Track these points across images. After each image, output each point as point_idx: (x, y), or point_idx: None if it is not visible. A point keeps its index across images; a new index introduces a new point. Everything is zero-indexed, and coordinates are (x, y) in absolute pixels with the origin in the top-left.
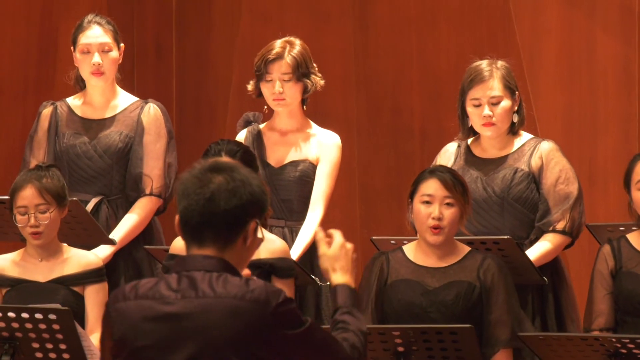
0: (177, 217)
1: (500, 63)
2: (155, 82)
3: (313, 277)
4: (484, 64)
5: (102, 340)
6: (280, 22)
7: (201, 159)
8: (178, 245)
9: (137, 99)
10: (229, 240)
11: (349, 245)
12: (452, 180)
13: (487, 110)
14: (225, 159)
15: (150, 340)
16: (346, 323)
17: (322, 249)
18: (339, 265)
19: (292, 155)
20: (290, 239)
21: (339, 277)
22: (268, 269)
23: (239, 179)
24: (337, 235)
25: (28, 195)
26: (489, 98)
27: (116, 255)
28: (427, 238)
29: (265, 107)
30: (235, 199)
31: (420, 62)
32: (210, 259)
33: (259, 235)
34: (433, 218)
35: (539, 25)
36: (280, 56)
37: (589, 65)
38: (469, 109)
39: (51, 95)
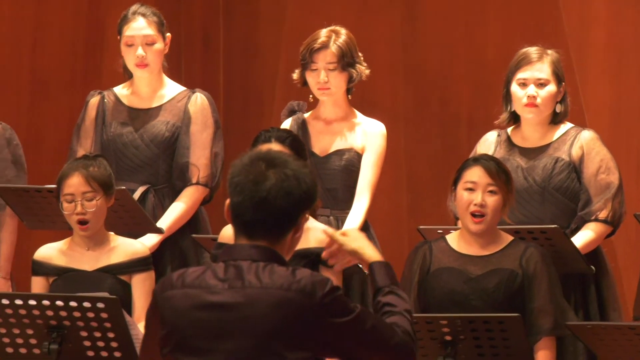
0: (226, 203)
1: (550, 51)
2: (202, 71)
3: (359, 265)
4: (534, 48)
5: (146, 326)
6: (327, 11)
7: (251, 146)
8: (227, 234)
9: (184, 88)
10: (280, 235)
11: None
12: (496, 168)
13: (532, 90)
14: (275, 146)
15: (197, 330)
16: (392, 305)
17: (339, 238)
18: (358, 245)
19: (337, 144)
20: (335, 227)
21: (370, 253)
22: (315, 258)
23: (292, 176)
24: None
25: (75, 182)
26: (535, 79)
27: (162, 244)
28: (470, 226)
29: (311, 96)
30: (290, 198)
31: (468, 51)
32: (257, 248)
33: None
34: (475, 205)
35: (588, 15)
36: (325, 45)
37: (638, 55)
38: (514, 90)
39: (98, 85)
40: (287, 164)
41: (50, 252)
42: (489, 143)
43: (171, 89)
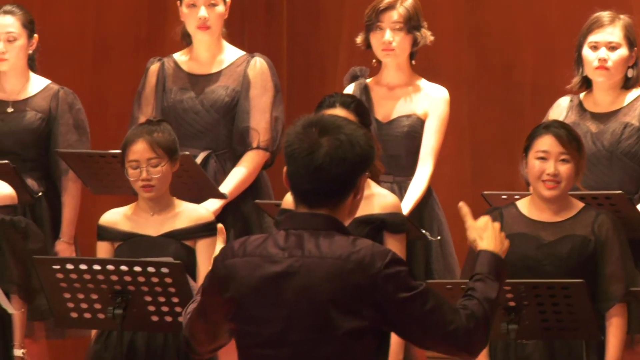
0: (284, 171)
1: (623, 15)
2: (265, 37)
3: (423, 231)
4: (606, 12)
5: (202, 293)
6: None
7: (315, 111)
8: (290, 199)
9: (243, 53)
10: (339, 201)
11: (496, 224)
12: (567, 136)
13: (603, 53)
14: (339, 111)
15: (256, 298)
16: (474, 290)
17: (469, 221)
18: (486, 235)
19: (400, 110)
20: (398, 194)
21: (485, 244)
22: (380, 224)
23: (346, 141)
24: (484, 217)
25: (140, 149)
26: (607, 42)
27: (224, 209)
28: (543, 192)
29: (374, 60)
30: (345, 164)
31: (531, 16)
32: (318, 217)
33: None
34: (548, 174)
35: None
36: (392, 6)
37: None
38: (585, 53)
39: (162, 52)
40: (340, 128)
41: (115, 217)
42: (561, 108)
43: (230, 53)
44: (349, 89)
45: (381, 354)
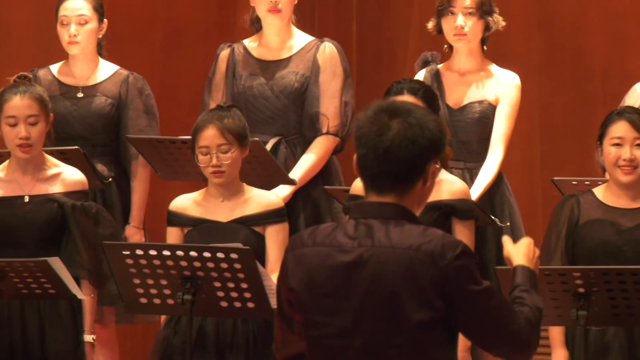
0: (354, 158)
1: None
2: (335, 22)
3: (493, 217)
4: None
5: (278, 283)
6: None
7: (383, 97)
8: (358, 185)
9: (312, 38)
10: (408, 186)
11: (536, 249)
12: None
13: None
14: (408, 98)
15: (326, 288)
16: (523, 299)
17: (508, 244)
18: (523, 252)
19: (471, 96)
20: (469, 180)
21: (521, 259)
22: (448, 210)
23: (416, 124)
24: (527, 238)
25: (210, 135)
26: None
27: (295, 195)
28: (620, 178)
29: (445, 46)
30: (414, 146)
31: (602, 1)
32: (387, 205)
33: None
34: (624, 160)
35: None
36: None
37: None
38: None
39: (232, 37)
40: (411, 112)
41: (185, 202)
42: (637, 94)
43: (300, 39)
44: (420, 75)
45: (451, 346)
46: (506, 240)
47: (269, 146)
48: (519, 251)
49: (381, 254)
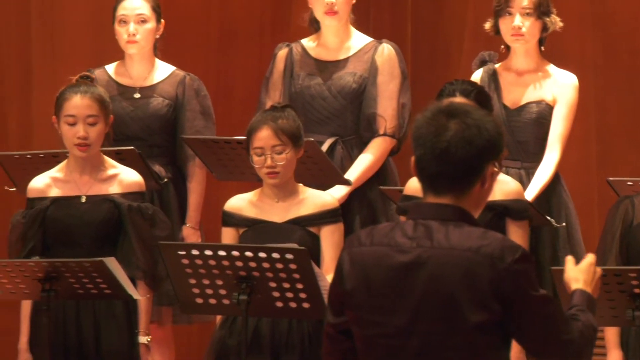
0: (412, 159)
1: None
2: (390, 23)
3: (548, 218)
4: None
5: (331, 282)
6: None
7: (436, 99)
8: (412, 186)
9: (371, 39)
10: (466, 187)
11: (598, 268)
12: None
13: None
14: (459, 99)
15: (383, 287)
16: (577, 316)
17: (569, 265)
18: (582, 277)
19: (529, 96)
20: (526, 180)
21: (580, 285)
22: (502, 210)
23: (473, 125)
24: (590, 256)
25: (264, 136)
26: None
27: (351, 196)
28: None
29: (502, 46)
30: (471, 147)
31: None
32: (446, 207)
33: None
34: None
35: None
36: None
37: None
38: None
39: (287, 37)
40: (469, 113)
41: (240, 203)
42: None
43: (358, 40)
44: (477, 74)
45: (505, 349)
46: (569, 260)
47: (325, 146)
48: (578, 276)
49: (440, 256)
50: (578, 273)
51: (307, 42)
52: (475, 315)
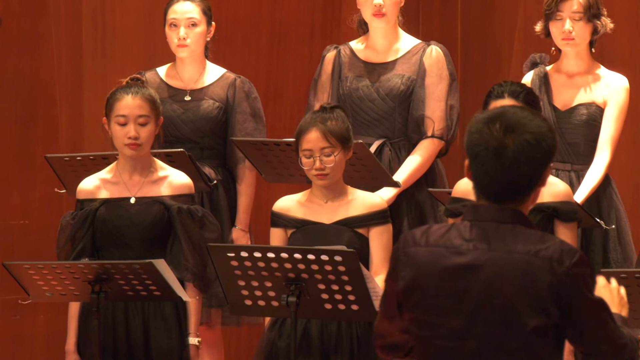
0: (466, 163)
1: None
2: (440, 24)
3: (598, 220)
4: None
5: (386, 281)
6: None
7: (484, 101)
8: (461, 188)
9: (419, 41)
10: (527, 195)
11: (614, 285)
12: None
13: None
14: (508, 101)
15: (440, 289)
16: (621, 327)
17: (600, 282)
18: (608, 300)
19: (580, 98)
20: (576, 182)
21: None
22: (551, 212)
23: (532, 139)
24: (600, 279)
25: (313, 138)
26: None
27: (399, 198)
28: None
29: (553, 48)
30: (533, 162)
31: None
32: (504, 210)
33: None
34: None
35: None
36: None
37: None
38: None
39: (337, 38)
40: (525, 126)
41: (289, 204)
42: None
43: (406, 42)
44: (528, 77)
45: (560, 352)
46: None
47: (373, 148)
48: (605, 296)
49: (497, 258)
50: (599, 292)
51: (355, 44)
52: (532, 319)
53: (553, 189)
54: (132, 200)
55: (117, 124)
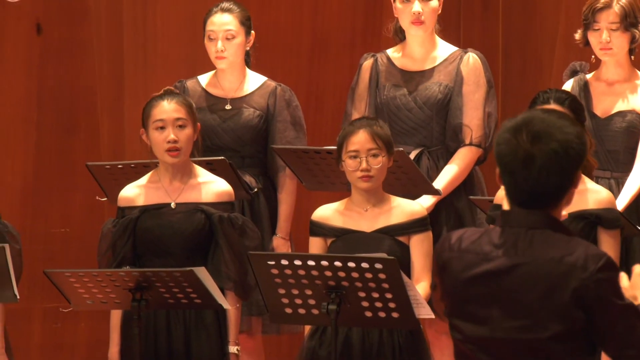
0: (497, 172)
1: None
2: (481, 32)
3: (639, 228)
4: None
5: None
6: None
7: (529, 107)
8: (502, 195)
9: (456, 48)
10: (558, 200)
11: None
12: None
13: None
14: (551, 107)
15: (471, 296)
16: None
17: (624, 280)
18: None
19: (619, 106)
20: (616, 190)
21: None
22: (594, 219)
23: (559, 148)
24: (637, 267)
25: (361, 139)
26: None
27: (438, 206)
28: None
29: (593, 57)
30: (562, 172)
31: None
32: (535, 214)
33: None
34: None
35: None
36: (608, 5)
37: None
38: None
39: (377, 46)
40: (552, 135)
41: (328, 212)
42: None
43: (443, 49)
44: (568, 84)
45: (590, 356)
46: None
47: (411, 157)
48: (636, 292)
49: (523, 264)
50: (635, 290)
51: (392, 53)
52: (556, 324)
53: (596, 196)
54: (173, 205)
55: (156, 129)
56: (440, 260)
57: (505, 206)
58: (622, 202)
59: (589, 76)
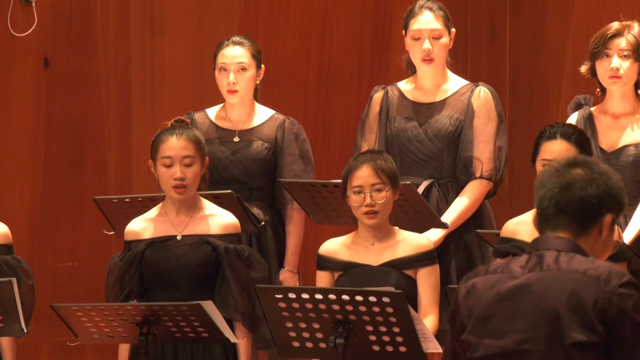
0: (534, 214)
1: None
2: (488, 64)
3: None
4: None
5: (450, 320)
6: (615, 3)
7: (535, 142)
8: (509, 228)
9: (467, 82)
10: (583, 228)
11: None
12: None
13: None
14: (557, 142)
15: (493, 312)
16: None
17: None
18: None
19: (625, 139)
20: (623, 223)
21: None
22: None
23: (597, 171)
24: None
25: (364, 175)
26: None
27: (447, 239)
28: None
29: (598, 90)
30: (591, 188)
31: None
32: (562, 239)
33: (614, 235)
34: None
35: None
36: (620, 33)
37: None
38: None
39: (385, 79)
40: (595, 163)
41: (334, 246)
42: None
43: (454, 83)
44: (573, 118)
45: None
46: None
47: (421, 189)
48: None
49: (548, 276)
50: None
51: (404, 85)
52: (579, 335)
53: None
54: (179, 238)
55: (163, 165)
56: (464, 288)
57: (520, 236)
58: (629, 235)
59: (593, 109)
